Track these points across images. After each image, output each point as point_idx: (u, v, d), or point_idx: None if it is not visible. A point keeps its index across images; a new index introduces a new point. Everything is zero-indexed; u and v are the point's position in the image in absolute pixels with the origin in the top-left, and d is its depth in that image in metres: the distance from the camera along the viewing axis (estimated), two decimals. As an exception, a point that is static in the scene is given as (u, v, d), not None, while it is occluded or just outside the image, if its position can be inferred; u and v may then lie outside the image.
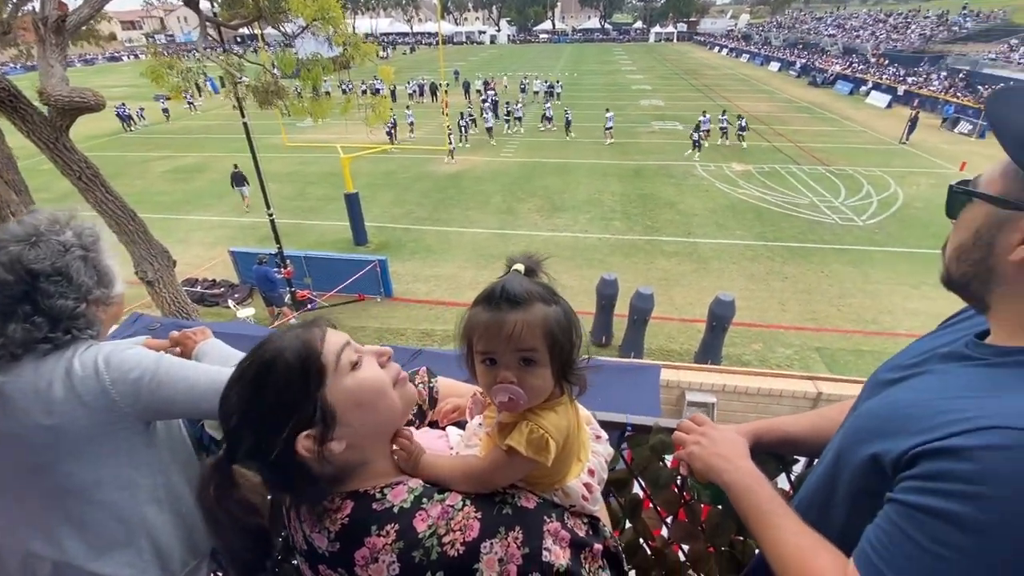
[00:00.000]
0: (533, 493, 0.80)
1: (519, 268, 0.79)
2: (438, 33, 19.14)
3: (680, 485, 1.34)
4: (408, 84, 34.01)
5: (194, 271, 11.68)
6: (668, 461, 1.32)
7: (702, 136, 20.02)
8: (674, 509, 1.36)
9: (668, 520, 1.39)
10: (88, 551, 1.14)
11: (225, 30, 7.76)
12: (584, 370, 0.81)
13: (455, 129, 21.04)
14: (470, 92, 32.45)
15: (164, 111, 28.39)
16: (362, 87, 26.00)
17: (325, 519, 0.74)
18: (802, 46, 52.20)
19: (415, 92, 33.47)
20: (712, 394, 6.03)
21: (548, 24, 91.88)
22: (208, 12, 7.22)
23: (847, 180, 17.02)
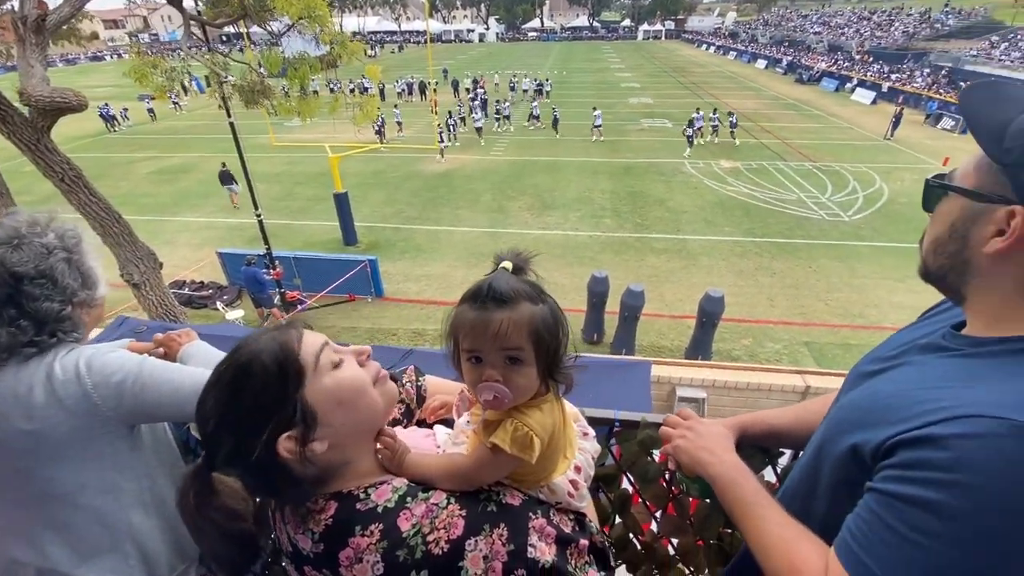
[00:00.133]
0: (519, 490, 0.80)
1: (507, 266, 0.79)
2: (426, 31, 19.02)
3: (669, 479, 1.35)
4: (397, 83, 33.89)
5: (182, 273, 11.53)
6: (656, 456, 1.33)
7: (696, 133, 20.11)
8: (663, 503, 1.36)
9: (657, 514, 1.39)
10: (72, 557, 1.12)
11: (210, 29, 7.67)
12: (570, 368, 0.81)
13: (444, 128, 20.96)
14: (459, 90, 32.38)
15: (150, 111, 28.01)
16: (350, 86, 25.86)
17: (309, 520, 0.74)
18: (788, 43, 52.67)
19: (404, 91, 33.37)
20: (702, 389, 6.06)
21: (536, 22, 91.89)
22: (192, 10, 7.11)
23: (833, 176, 17.21)
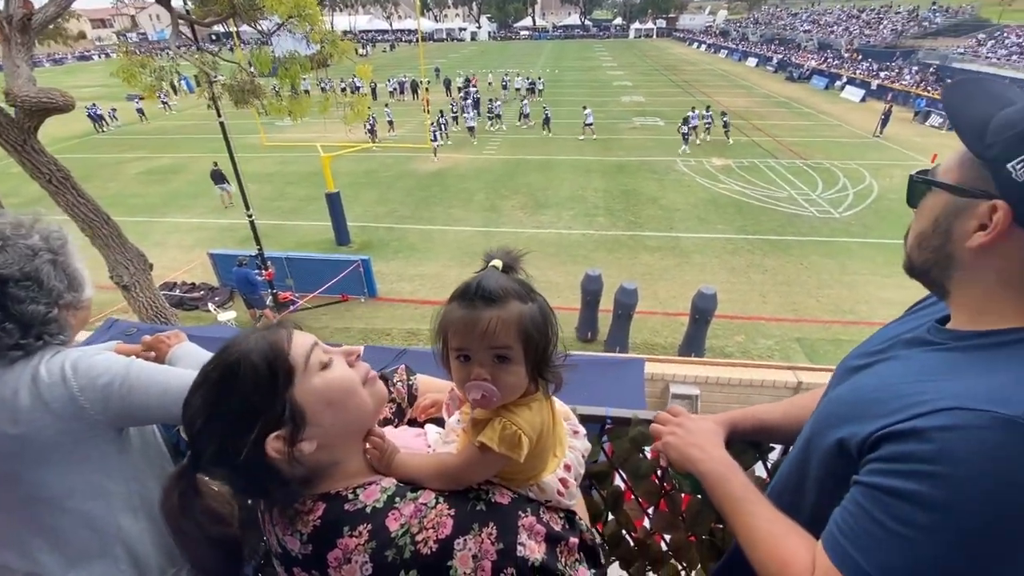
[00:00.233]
0: (508, 489, 0.80)
1: (497, 264, 0.79)
2: (418, 30, 18.94)
3: (660, 476, 1.36)
4: (389, 82, 33.77)
5: (172, 274, 11.43)
6: (648, 452, 1.34)
7: (690, 131, 20.18)
8: (655, 500, 1.37)
9: (650, 511, 1.40)
10: (61, 562, 1.11)
11: (199, 27, 7.59)
12: (560, 367, 0.81)
13: (437, 127, 20.92)
14: (451, 89, 32.31)
15: (139, 111, 27.68)
16: (341, 85, 25.72)
17: (297, 521, 0.73)
18: (779, 42, 53.02)
19: (396, 90, 33.25)
20: (696, 386, 6.09)
21: (528, 21, 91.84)
22: (180, 9, 7.03)
23: (824, 173, 17.34)
